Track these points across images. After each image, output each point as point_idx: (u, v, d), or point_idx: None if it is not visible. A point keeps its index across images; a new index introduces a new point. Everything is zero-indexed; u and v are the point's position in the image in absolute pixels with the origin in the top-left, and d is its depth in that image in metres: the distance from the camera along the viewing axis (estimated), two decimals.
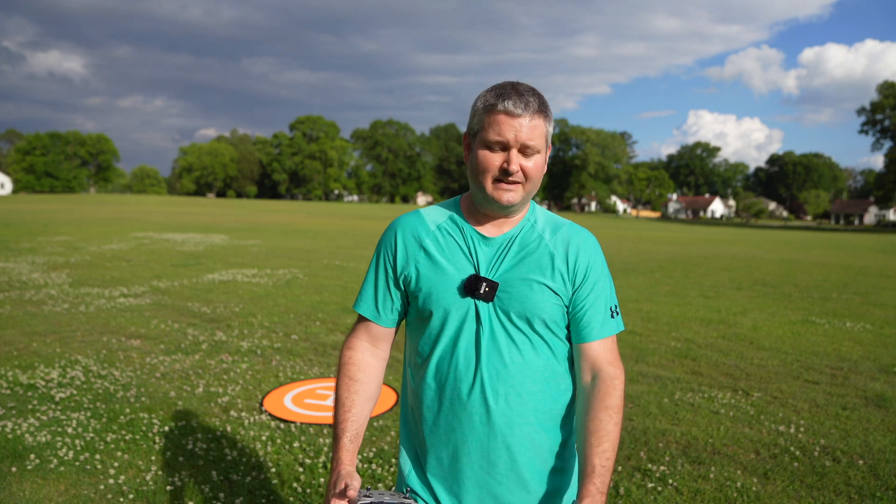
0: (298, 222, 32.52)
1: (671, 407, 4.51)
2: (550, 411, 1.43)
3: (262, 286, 9.71)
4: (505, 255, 1.42)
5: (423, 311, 1.45)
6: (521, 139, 1.34)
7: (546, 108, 1.38)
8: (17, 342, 5.85)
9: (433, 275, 1.43)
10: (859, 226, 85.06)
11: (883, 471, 3.50)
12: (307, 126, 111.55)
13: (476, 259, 1.42)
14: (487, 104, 1.36)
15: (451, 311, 1.41)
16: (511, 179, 1.36)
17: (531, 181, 1.39)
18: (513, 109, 1.33)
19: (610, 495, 3.17)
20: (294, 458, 3.54)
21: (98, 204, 51.93)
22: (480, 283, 1.38)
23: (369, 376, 1.50)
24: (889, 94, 72.10)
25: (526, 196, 1.41)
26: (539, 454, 1.43)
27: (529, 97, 1.35)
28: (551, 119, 1.41)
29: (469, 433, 1.40)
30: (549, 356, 1.42)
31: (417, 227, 1.47)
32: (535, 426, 1.41)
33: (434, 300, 1.42)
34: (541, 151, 1.38)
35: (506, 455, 1.40)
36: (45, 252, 13.80)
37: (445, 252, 1.44)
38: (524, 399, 1.40)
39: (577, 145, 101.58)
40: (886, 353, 6.32)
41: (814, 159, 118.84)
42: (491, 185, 1.37)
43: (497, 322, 1.39)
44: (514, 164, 1.35)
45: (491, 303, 1.39)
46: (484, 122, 1.36)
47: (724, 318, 8.02)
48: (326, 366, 5.43)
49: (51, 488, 3.10)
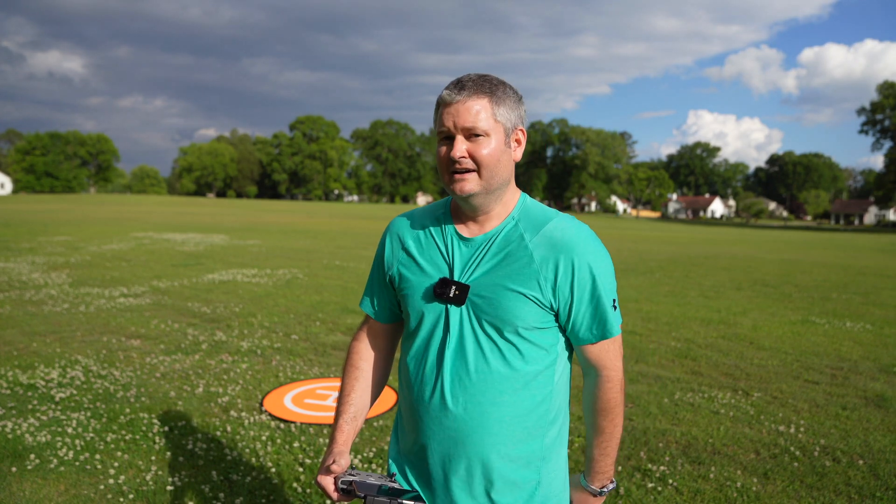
0: (298, 222, 32.52)
1: (671, 407, 4.51)
2: (518, 422, 1.36)
3: (262, 286, 9.71)
4: (482, 256, 1.36)
5: (404, 311, 1.48)
6: (459, 124, 1.29)
7: (492, 88, 1.31)
8: (17, 342, 5.85)
9: (411, 276, 1.43)
10: (859, 226, 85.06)
11: (883, 471, 3.50)
12: (307, 126, 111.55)
13: (452, 260, 1.38)
14: (436, 103, 1.35)
15: (424, 313, 1.40)
16: (459, 167, 1.30)
17: (485, 167, 1.30)
18: (447, 97, 1.31)
19: (610, 495, 3.17)
20: (294, 458, 3.54)
21: (98, 204, 51.92)
22: (449, 287, 1.34)
23: (370, 366, 1.55)
24: (889, 95, 72.09)
25: (486, 185, 1.32)
26: (501, 465, 1.36)
27: (467, 81, 1.31)
28: (505, 100, 1.32)
29: (431, 436, 1.40)
30: (520, 365, 1.35)
31: (403, 229, 1.49)
32: (499, 436, 1.35)
33: (410, 302, 1.43)
34: (490, 134, 1.30)
35: (465, 463, 1.37)
36: (45, 252, 13.80)
37: (425, 253, 1.43)
38: (486, 408, 1.34)
39: (577, 145, 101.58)
40: (886, 353, 6.32)
41: (814, 159, 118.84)
42: (448, 178, 1.33)
43: (468, 327, 1.35)
44: (456, 150, 1.29)
45: (463, 307, 1.35)
46: (435, 120, 1.36)
47: (724, 318, 8.02)
48: (326, 366, 5.43)
49: (51, 488, 3.10)
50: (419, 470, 1.45)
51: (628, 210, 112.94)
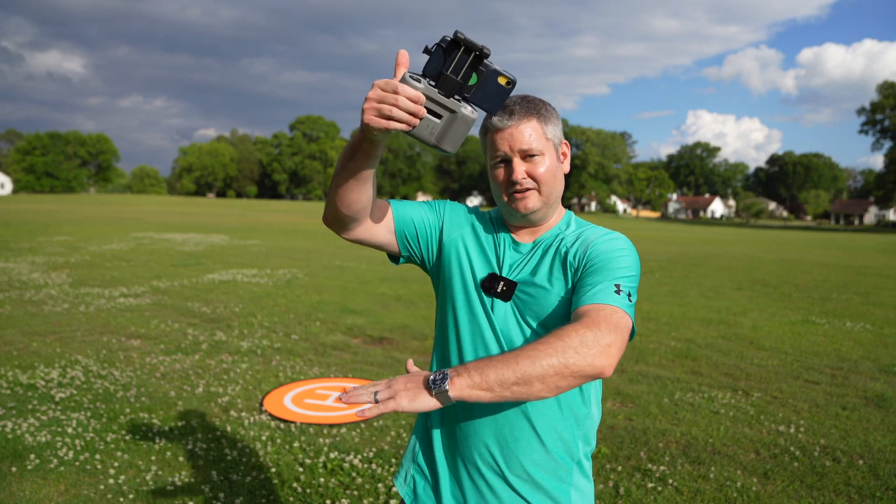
0: (298, 222, 32.51)
1: (671, 407, 4.51)
2: (559, 421, 1.40)
3: (262, 286, 9.70)
4: (530, 258, 1.43)
5: (443, 294, 1.49)
6: (515, 147, 1.36)
7: (537, 109, 1.39)
8: (17, 342, 5.84)
9: (460, 265, 1.46)
10: (859, 226, 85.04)
11: (883, 471, 3.50)
12: (307, 126, 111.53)
13: (501, 260, 1.44)
14: (482, 129, 1.42)
15: (469, 306, 1.44)
16: (521, 188, 1.38)
17: (544, 184, 1.39)
18: (498, 124, 1.37)
19: (610, 495, 3.17)
20: (294, 458, 3.53)
21: (98, 204, 51.91)
22: (498, 282, 1.40)
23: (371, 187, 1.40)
24: (889, 95, 72.11)
25: (545, 199, 1.40)
26: (541, 462, 1.40)
27: (514, 105, 1.37)
28: (550, 118, 1.40)
29: (469, 428, 1.42)
30: None
31: (471, 218, 1.53)
32: (541, 435, 1.39)
33: (454, 292, 1.46)
34: (545, 153, 1.38)
35: (504, 462, 1.40)
36: (45, 252, 13.80)
37: (478, 244, 1.47)
38: (530, 406, 1.38)
39: (576, 145, 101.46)
40: (886, 353, 6.32)
41: (814, 159, 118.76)
42: (507, 198, 1.41)
43: (514, 323, 1.40)
44: (518, 173, 1.37)
45: (509, 303, 1.40)
46: (485, 146, 1.43)
47: (724, 318, 8.02)
48: (326, 366, 5.43)
49: (51, 488, 3.10)
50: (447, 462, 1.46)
51: (628, 210, 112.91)
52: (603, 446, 3.75)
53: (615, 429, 4.06)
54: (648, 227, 50.29)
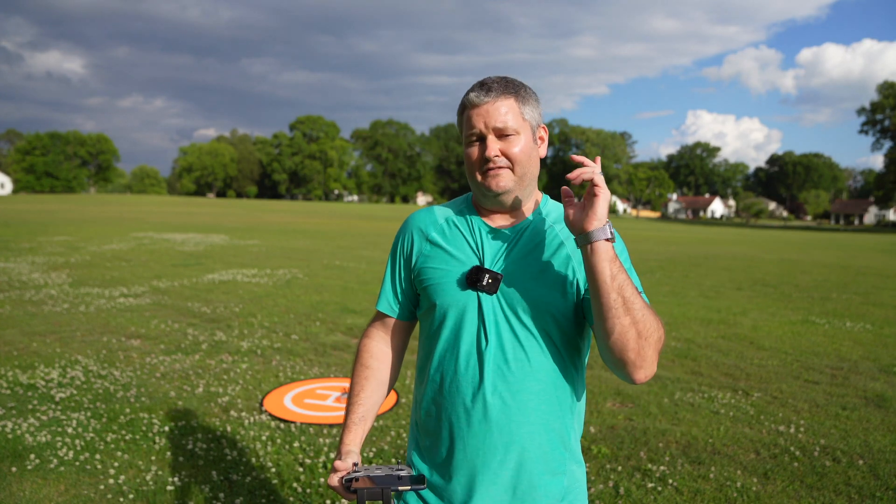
0: (298, 222, 32.52)
1: (671, 407, 4.51)
2: (553, 413, 1.38)
3: (262, 286, 9.71)
4: (513, 246, 1.39)
5: (429, 302, 1.44)
6: (490, 124, 1.33)
7: (516, 89, 1.36)
8: (17, 342, 5.85)
9: (439, 266, 1.42)
10: (859, 226, 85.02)
11: (883, 471, 3.50)
12: (307, 126, 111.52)
13: (482, 251, 1.39)
14: (460, 106, 1.40)
15: (454, 303, 1.39)
16: (494, 165, 1.34)
17: (519, 164, 1.35)
18: (475, 100, 1.35)
19: (610, 495, 3.17)
20: (294, 458, 3.53)
21: (98, 204, 51.91)
22: (483, 275, 1.35)
23: (381, 363, 1.54)
24: (889, 94, 72.07)
25: (519, 180, 1.36)
26: (536, 455, 1.37)
27: (492, 83, 1.35)
28: (528, 99, 1.38)
29: (467, 429, 1.38)
30: (555, 355, 1.37)
31: (426, 221, 1.49)
32: (536, 426, 1.36)
33: (437, 291, 1.41)
34: (520, 133, 1.35)
35: (501, 454, 1.37)
36: (45, 252, 13.80)
37: (451, 243, 1.43)
38: (525, 399, 1.35)
39: (576, 145, 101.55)
40: (886, 353, 6.32)
41: (814, 159, 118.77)
42: (480, 177, 1.37)
43: (501, 316, 1.35)
44: (491, 150, 1.33)
45: (495, 296, 1.36)
46: (461, 123, 1.40)
47: (724, 318, 8.02)
48: (326, 366, 5.43)
49: (51, 488, 3.10)
50: (448, 467, 1.42)
51: (628, 210, 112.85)
52: (603, 446, 3.75)
53: (615, 429, 4.06)
54: (648, 227, 50.29)
